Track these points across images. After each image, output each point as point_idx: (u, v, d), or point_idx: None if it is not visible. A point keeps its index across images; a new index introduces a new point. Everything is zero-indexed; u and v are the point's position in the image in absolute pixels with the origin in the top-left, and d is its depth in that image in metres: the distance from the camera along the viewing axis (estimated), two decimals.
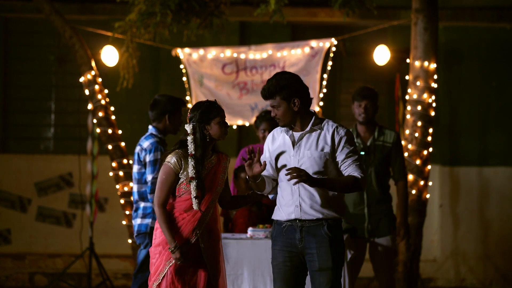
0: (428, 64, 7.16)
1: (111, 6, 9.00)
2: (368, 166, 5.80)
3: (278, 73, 4.40)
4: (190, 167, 4.43)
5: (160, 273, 4.47)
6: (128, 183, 7.45)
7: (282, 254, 4.35)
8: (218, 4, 7.61)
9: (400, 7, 9.15)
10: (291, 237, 4.33)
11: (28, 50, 9.69)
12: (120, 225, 8.06)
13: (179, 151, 4.50)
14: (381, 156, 5.84)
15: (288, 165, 4.32)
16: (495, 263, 9.32)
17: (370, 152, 5.84)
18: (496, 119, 9.48)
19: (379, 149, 5.85)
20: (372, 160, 5.83)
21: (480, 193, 9.40)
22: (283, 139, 4.42)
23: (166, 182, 4.47)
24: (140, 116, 9.41)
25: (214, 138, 4.51)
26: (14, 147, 9.72)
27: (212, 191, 4.52)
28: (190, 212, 4.48)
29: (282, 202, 4.37)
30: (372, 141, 5.86)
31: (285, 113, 4.33)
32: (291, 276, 4.34)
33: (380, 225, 5.82)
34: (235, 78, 8.04)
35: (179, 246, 4.40)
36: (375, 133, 5.89)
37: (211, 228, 4.56)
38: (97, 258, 8.18)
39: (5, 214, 9.48)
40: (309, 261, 4.31)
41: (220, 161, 4.59)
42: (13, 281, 9.35)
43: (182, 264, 4.44)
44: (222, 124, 4.51)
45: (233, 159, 9.20)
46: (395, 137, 5.89)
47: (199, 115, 4.49)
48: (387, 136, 5.89)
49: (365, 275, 8.15)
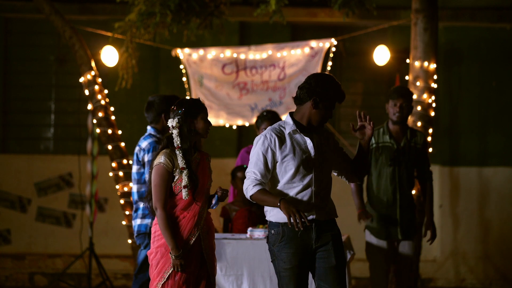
0: (428, 64, 7.16)
1: (111, 6, 9.00)
2: (400, 166, 5.80)
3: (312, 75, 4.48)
4: (180, 158, 4.47)
5: (166, 272, 4.48)
6: (128, 183, 7.44)
7: (296, 257, 4.31)
8: (218, 4, 7.61)
9: (400, 7, 9.15)
10: (306, 238, 4.32)
11: (28, 50, 9.69)
12: (120, 225, 8.05)
13: (166, 150, 4.53)
14: (413, 158, 5.85)
15: (309, 166, 4.33)
16: (495, 263, 9.31)
17: (404, 153, 5.83)
18: (496, 119, 9.47)
19: (412, 150, 5.85)
20: (405, 161, 5.82)
21: (480, 193, 9.40)
22: (294, 140, 4.38)
23: (162, 183, 4.48)
24: (140, 116, 9.37)
25: (199, 133, 4.55)
26: (14, 147, 9.72)
27: (205, 184, 4.56)
28: (189, 210, 4.50)
29: (297, 203, 4.35)
30: (406, 142, 5.85)
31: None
32: (304, 279, 4.36)
33: (410, 226, 5.85)
34: (235, 78, 8.04)
35: (181, 256, 4.42)
36: (407, 134, 5.87)
37: (209, 224, 4.62)
38: (97, 258, 8.19)
39: (5, 214, 9.48)
40: (324, 258, 4.33)
41: (203, 157, 4.64)
42: (13, 281, 9.35)
43: (187, 264, 4.46)
44: (207, 120, 4.58)
45: (232, 159, 9.22)
46: (423, 139, 5.91)
47: (186, 110, 4.53)
48: (418, 137, 5.89)
49: (365, 275, 8.16)
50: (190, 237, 4.48)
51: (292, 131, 4.36)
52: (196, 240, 4.50)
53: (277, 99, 7.92)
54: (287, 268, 4.31)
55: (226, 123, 8.06)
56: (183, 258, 4.44)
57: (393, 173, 5.81)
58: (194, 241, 4.49)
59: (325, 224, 4.35)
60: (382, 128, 5.87)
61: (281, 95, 7.91)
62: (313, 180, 4.33)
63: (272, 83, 7.96)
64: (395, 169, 5.81)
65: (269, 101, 7.93)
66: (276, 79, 7.96)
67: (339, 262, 4.33)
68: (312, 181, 4.33)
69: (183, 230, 4.48)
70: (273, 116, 6.57)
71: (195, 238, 4.49)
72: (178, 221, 4.49)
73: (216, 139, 9.16)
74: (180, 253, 4.42)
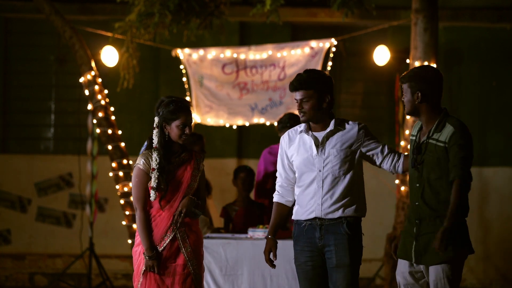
0: (428, 64, 7.16)
1: (111, 6, 9.00)
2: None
3: (312, 69, 4.46)
4: (153, 159, 4.46)
5: (142, 271, 4.49)
6: (128, 183, 7.44)
7: (303, 254, 4.39)
8: (218, 4, 7.61)
9: (399, 7, 9.15)
10: (311, 236, 4.37)
11: (28, 50, 9.69)
12: (120, 226, 8.05)
13: (146, 151, 4.53)
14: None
15: (312, 165, 4.36)
16: (495, 263, 9.32)
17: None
18: (496, 119, 9.48)
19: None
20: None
21: (480, 193, 9.40)
22: (301, 139, 4.43)
23: (140, 183, 4.48)
24: (140, 116, 9.41)
25: (173, 139, 4.50)
26: (14, 147, 9.72)
27: (183, 187, 4.50)
28: (165, 209, 4.48)
29: (303, 202, 4.40)
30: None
31: (312, 108, 4.35)
32: (314, 276, 4.38)
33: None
34: (235, 78, 8.04)
35: (155, 257, 4.42)
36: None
37: (190, 225, 4.54)
38: (97, 258, 8.19)
39: (5, 214, 9.48)
40: (328, 259, 4.35)
41: (192, 158, 4.58)
42: (13, 281, 9.35)
43: (162, 263, 4.45)
44: (181, 128, 4.48)
45: (233, 159, 9.24)
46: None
47: (163, 114, 4.50)
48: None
49: (365, 276, 8.17)
50: (164, 237, 4.47)
51: (303, 130, 4.42)
52: (172, 240, 4.47)
53: (277, 99, 7.92)
54: (297, 265, 4.44)
55: (226, 123, 8.05)
56: (156, 259, 4.43)
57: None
58: (172, 241, 4.47)
59: (331, 223, 4.34)
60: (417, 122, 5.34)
61: (281, 95, 7.91)
62: (317, 179, 4.35)
63: (272, 83, 7.96)
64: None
65: (269, 101, 7.92)
66: (276, 79, 7.96)
67: (341, 263, 4.31)
68: (315, 180, 4.35)
69: (158, 229, 4.47)
70: (295, 121, 6.34)
71: (170, 238, 4.47)
72: (154, 220, 4.49)
73: (216, 139, 9.16)
74: (153, 254, 4.42)
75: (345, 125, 4.42)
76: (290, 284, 5.44)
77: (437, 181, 4.27)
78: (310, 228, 4.37)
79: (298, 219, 4.43)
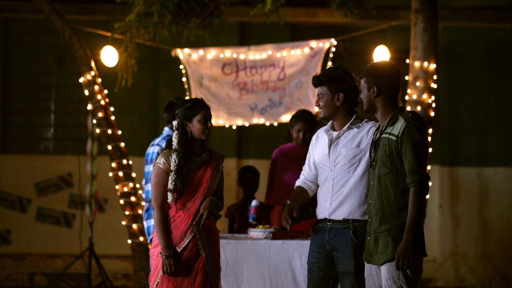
0: (427, 64, 7.16)
1: (111, 6, 9.00)
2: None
3: (335, 67, 4.56)
4: (172, 161, 4.48)
5: (159, 271, 4.50)
6: (128, 183, 7.45)
7: (312, 255, 4.47)
8: (217, 5, 7.61)
9: (399, 7, 9.15)
10: (322, 238, 4.41)
11: (28, 50, 9.69)
12: (119, 226, 8.06)
13: (166, 151, 4.56)
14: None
15: (325, 164, 4.41)
16: (495, 263, 9.31)
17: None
18: (495, 119, 9.47)
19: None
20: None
21: (479, 194, 9.40)
22: (323, 138, 4.51)
23: (159, 183, 4.50)
24: (140, 116, 9.41)
25: (195, 136, 4.54)
26: (14, 147, 9.72)
27: (203, 187, 4.52)
28: (185, 210, 4.50)
29: (319, 201, 4.48)
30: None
31: (326, 105, 4.41)
32: (319, 278, 4.41)
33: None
34: (235, 78, 8.04)
35: (172, 256, 4.43)
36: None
37: (209, 226, 4.58)
38: (97, 259, 8.19)
39: (5, 214, 9.48)
40: (335, 263, 4.38)
41: (212, 159, 4.60)
42: (13, 281, 9.35)
43: (181, 263, 4.45)
44: (203, 122, 4.52)
45: (232, 159, 9.23)
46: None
47: (182, 112, 4.54)
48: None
49: None
50: (184, 238, 4.48)
51: (327, 128, 4.48)
52: (192, 240, 4.49)
53: (277, 99, 7.92)
54: (307, 263, 4.49)
55: (226, 123, 8.05)
56: (173, 258, 4.44)
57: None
58: (190, 242, 4.48)
59: (339, 228, 4.35)
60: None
61: (281, 95, 7.91)
62: (329, 178, 4.38)
63: (272, 83, 7.96)
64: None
65: (269, 101, 7.92)
66: (276, 79, 7.95)
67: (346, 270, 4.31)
68: (327, 179, 4.40)
69: (177, 230, 4.48)
70: (308, 116, 6.46)
71: (189, 239, 4.48)
72: (173, 220, 4.50)
73: (216, 139, 9.16)
74: (170, 253, 4.44)
75: (360, 124, 4.42)
76: (289, 284, 5.44)
77: (387, 176, 4.15)
78: (321, 230, 4.42)
79: (317, 218, 4.49)
